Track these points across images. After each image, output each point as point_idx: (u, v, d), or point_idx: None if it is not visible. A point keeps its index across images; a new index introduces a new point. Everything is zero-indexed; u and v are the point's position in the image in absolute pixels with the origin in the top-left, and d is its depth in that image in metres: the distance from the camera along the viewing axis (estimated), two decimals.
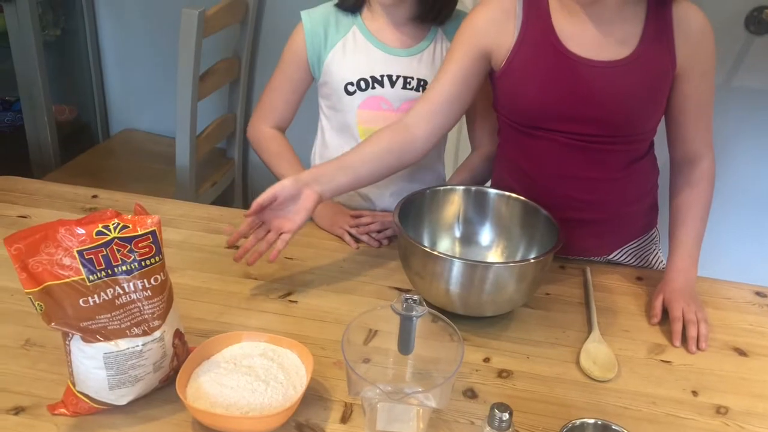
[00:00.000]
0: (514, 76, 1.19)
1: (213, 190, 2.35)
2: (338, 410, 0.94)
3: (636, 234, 1.35)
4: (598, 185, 1.24)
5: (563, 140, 1.19)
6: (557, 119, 1.18)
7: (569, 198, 1.24)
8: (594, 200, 1.26)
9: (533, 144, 1.22)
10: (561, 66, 1.15)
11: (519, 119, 1.23)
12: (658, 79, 1.16)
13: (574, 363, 1.06)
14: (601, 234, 1.31)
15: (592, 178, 1.23)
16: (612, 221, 1.30)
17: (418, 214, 1.20)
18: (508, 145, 1.31)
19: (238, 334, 0.98)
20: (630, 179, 1.26)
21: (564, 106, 1.16)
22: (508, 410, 0.80)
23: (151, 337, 0.88)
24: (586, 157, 1.20)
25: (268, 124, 1.45)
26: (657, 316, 1.17)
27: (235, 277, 1.21)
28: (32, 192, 1.43)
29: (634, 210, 1.31)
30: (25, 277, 0.80)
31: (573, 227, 1.19)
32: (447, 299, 1.09)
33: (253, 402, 0.88)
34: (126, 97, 2.67)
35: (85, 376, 0.87)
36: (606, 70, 1.14)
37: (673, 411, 0.98)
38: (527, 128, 1.22)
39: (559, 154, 1.21)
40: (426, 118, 1.23)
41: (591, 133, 1.18)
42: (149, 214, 0.87)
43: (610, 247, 1.34)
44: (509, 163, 1.31)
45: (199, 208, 1.45)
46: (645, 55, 1.14)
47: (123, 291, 0.85)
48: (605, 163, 1.22)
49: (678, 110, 1.20)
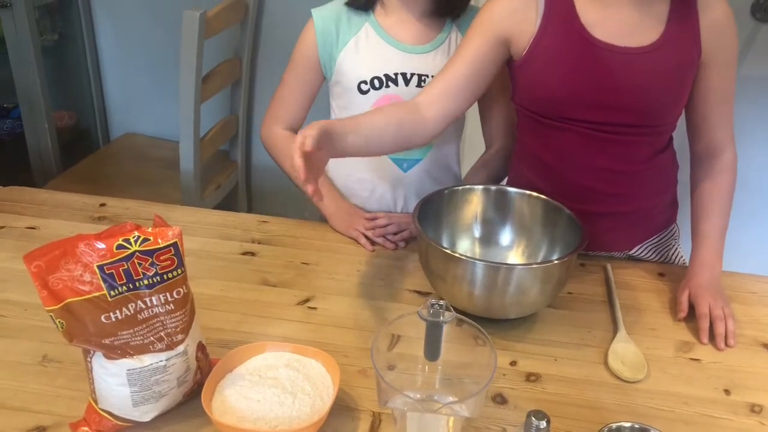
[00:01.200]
0: (536, 64, 1.17)
1: (218, 194, 2.33)
2: (366, 420, 0.92)
3: (656, 229, 1.33)
4: (620, 178, 1.22)
5: (585, 131, 1.17)
6: (580, 108, 1.16)
7: (591, 190, 1.22)
8: (616, 193, 1.24)
9: (555, 135, 1.21)
10: (585, 53, 1.13)
11: (540, 109, 1.20)
12: (683, 67, 1.15)
13: (602, 364, 1.04)
14: (623, 228, 1.29)
15: (614, 170, 1.21)
16: (633, 215, 1.28)
17: (436, 214, 1.18)
18: (527, 139, 1.28)
19: (261, 345, 0.96)
20: (651, 172, 1.24)
21: (588, 94, 1.15)
22: (545, 418, 0.78)
23: (175, 352, 0.86)
24: (609, 148, 1.19)
25: (281, 126, 1.43)
26: (684, 311, 1.14)
27: (253, 284, 1.19)
28: (39, 202, 1.41)
29: (655, 204, 1.29)
30: (45, 294, 0.77)
31: (594, 221, 1.17)
32: (470, 302, 1.07)
33: (281, 415, 0.86)
34: (126, 101, 2.64)
35: (108, 393, 0.84)
36: (631, 56, 1.13)
37: (707, 411, 0.96)
38: (549, 119, 1.20)
39: (582, 145, 1.19)
40: (437, 101, 1.20)
41: (614, 123, 1.16)
42: (169, 226, 0.84)
43: (631, 243, 1.32)
44: (529, 157, 1.29)
45: (212, 214, 1.42)
46: (670, 41, 1.13)
47: (145, 305, 0.82)
48: (628, 155, 1.20)
49: (700, 101, 1.18)
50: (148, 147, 2.56)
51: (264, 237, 1.34)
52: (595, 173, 1.21)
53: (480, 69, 1.20)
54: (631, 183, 1.24)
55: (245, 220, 1.40)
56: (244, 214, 1.44)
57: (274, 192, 2.61)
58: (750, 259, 1.67)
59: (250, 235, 1.34)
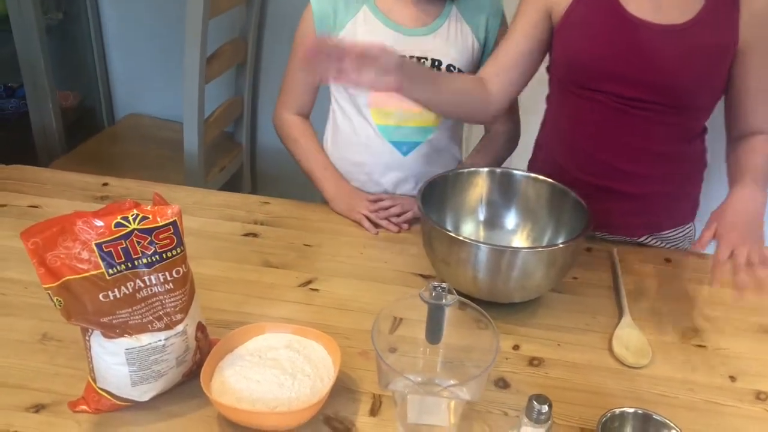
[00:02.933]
0: (570, 31, 1.18)
1: (222, 176, 2.32)
2: (367, 402, 0.91)
3: (672, 224, 1.31)
4: (642, 156, 1.21)
5: (612, 103, 1.17)
6: (609, 79, 1.16)
7: (612, 167, 1.22)
8: (637, 173, 1.23)
9: (582, 105, 1.21)
10: (618, 26, 1.14)
11: (571, 77, 1.21)
12: (715, 50, 1.13)
13: (607, 349, 1.03)
14: (639, 213, 1.28)
15: (637, 147, 1.20)
16: (652, 201, 1.26)
17: (440, 197, 1.17)
18: (555, 109, 1.29)
19: (261, 326, 0.95)
20: (676, 158, 1.22)
21: (617, 66, 1.15)
22: (547, 402, 0.77)
23: (174, 331, 0.85)
24: (634, 124, 1.18)
25: (290, 111, 1.42)
26: (702, 246, 1.01)
27: (254, 265, 1.18)
28: (42, 181, 1.40)
29: (675, 193, 1.28)
30: (43, 272, 0.76)
31: (612, 200, 1.18)
32: (473, 285, 1.06)
33: (281, 396, 0.85)
34: (130, 82, 2.62)
35: (106, 372, 0.84)
36: (664, 33, 1.12)
37: (712, 398, 0.95)
38: (578, 88, 1.20)
39: (607, 117, 1.19)
40: (498, 76, 1.23)
41: (641, 98, 1.15)
42: (169, 204, 0.83)
43: (644, 229, 1.30)
44: (555, 130, 1.30)
45: (214, 194, 1.41)
46: (705, 23, 1.12)
47: (144, 284, 0.82)
48: (652, 134, 1.19)
49: (738, 88, 1.16)
50: (153, 128, 2.55)
51: (266, 218, 1.33)
52: (619, 149, 1.21)
53: (533, 43, 1.23)
54: (654, 165, 1.22)
55: (248, 201, 1.39)
56: (246, 195, 1.43)
57: (279, 175, 2.59)
58: None
59: (252, 216, 1.33)
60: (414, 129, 1.36)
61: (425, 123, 1.36)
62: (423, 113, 1.34)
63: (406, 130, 1.36)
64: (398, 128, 1.36)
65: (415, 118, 1.35)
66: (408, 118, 1.35)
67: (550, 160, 1.30)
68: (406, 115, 1.35)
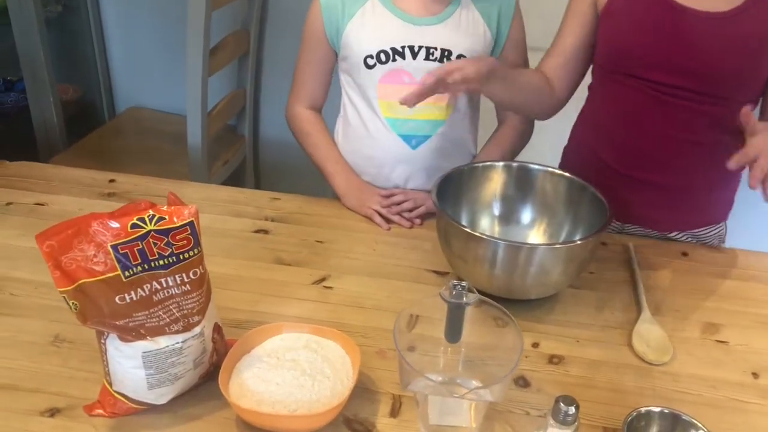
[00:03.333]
0: (613, 18, 1.19)
1: (225, 170, 2.29)
2: (387, 403, 0.90)
3: (703, 222, 1.29)
4: (681, 147, 1.20)
5: (652, 91, 1.17)
6: (651, 67, 1.15)
7: (649, 157, 1.22)
8: (673, 163, 1.21)
9: (623, 93, 1.21)
10: (661, 13, 1.14)
11: (613, 65, 1.21)
12: (761, 41, 1.11)
13: (626, 346, 1.02)
14: (671, 207, 1.26)
15: (676, 137, 1.19)
16: (685, 195, 1.25)
17: (455, 192, 1.15)
18: (596, 97, 1.30)
19: (278, 326, 0.94)
20: (713, 151, 1.19)
21: (660, 54, 1.14)
22: (574, 404, 0.76)
23: (192, 333, 0.83)
24: (674, 113, 1.17)
25: (302, 105, 1.40)
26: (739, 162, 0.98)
27: (266, 262, 1.16)
28: (48, 178, 1.38)
29: (709, 189, 1.26)
30: (58, 275, 0.75)
31: (645, 190, 1.19)
32: (490, 282, 1.04)
33: (301, 399, 0.83)
34: (131, 75, 2.59)
35: (123, 375, 0.82)
36: (707, 21, 1.11)
37: (735, 395, 0.94)
38: (620, 76, 1.20)
39: (648, 106, 1.18)
40: (560, 69, 1.27)
41: (683, 87, 1.14)
42: (185, 204, 0.81)
43: (673, 224, 1.29)
44: (593, 118, 1.30)
45: (222, 190, 1.39)
46: (750, 12, 1.10)
47: (161, 286, 0.80)
48: (692, 125, 1.18)
49: None
50: (154, 121, 2.52)
51: (276, 214, 1.31)
52: (658, 139, 1.20)
53: (587, 33, 1.25)
54: (692, 158, 1.21)
55: (256, 197, 1.37)
56: (254, 191, 1.41)
57: (283, 168, 2.57)
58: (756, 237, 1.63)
59: (262, 212, 1.31)
60: (424, 122, 1.34)
61: (435, 116, 1.34)
62: (434, 105, 1.32)
63: (415, 123, 1.34)
64: (407, 121, 1.34)
65: (425, 111, 1.33)
66: (418, 111, 1.32)
67: (585, 146, 1.30)
68: (415, 107, 1.32)
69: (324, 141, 1.39)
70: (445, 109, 1.33)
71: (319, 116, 1.42)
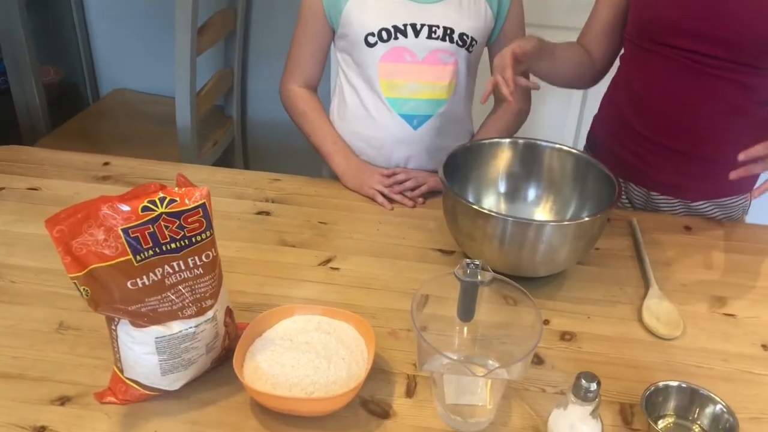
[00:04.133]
0: None
1: (215, 150, 2.26)
2: (402, 383, 0.89)
3: (730, 191, 1.30)
4: (711, 116, 1.20)
5: (685, 60, 1.17)
6: (683, 35, 1.15)
7: (676, 125, 1.22)
8: (703, 132, 1.22)
9: (655, 61, 1.21)
10: None
11: (644, 33, 1.22)
12: None
13: (637, 321, 1.02)
14: (699, 175, 1.27)
15: (707, 106, 1.19)
16: (713, 163, 1.24)
17: (462, 169, 1.14)
18: (628, 67, 1.30)
19: (290, 308, 0.92)
20: (744, 121, 1.20)
21: (692, 22, 1.14)
22: (595, 380, 0.76)
23: (204, 317, 0.81)
24: (706, 82, 1.17)
25: (297, 83, 1.38)
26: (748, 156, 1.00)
27: (271, 244, 1.15)
28: (39, 162, 1.34)
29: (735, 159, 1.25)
30: (69, 260, 0.72)
31: (673, 158, 1.22)
32: (499, 260, 1.03)
33: (317, 381, 0.82)
34: (114, 56, 2.53)
35: (135, 362, 0.81)
36: None
37: (747, 367, 0.94)
38: (652, 44, 1.21)
39: (679, 74, 1.19)
40: (599, 41, 1.29)
41: (716, 55, 1.14)
42: (196, 186, 0.79)
43: (701, 193, 1.30)
44: (626, 85, 1.30)
45: (220, 172, 1.37)
46: None
47: (173, 270, 0.78)
48: (724, 93, 1.18)
49: None
50: (139, 103, 2.47)
51: (277, 195, 1.29)
52: (688, 107, 1.20)
53: (620, 6, 1.27)
54: (721, 126, 1.21)
55: (256, 178, 1.35)
56: (253, 172, 1.38)
57: (271, 148, 2.54)
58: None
59: (263, 193, 1.29)
60: (425, 102, 1.32)
61: (436, 95, 1.32)
62: (435, 84, 1.30)
63: (416, 103, 1.32)
64: (408, 101, 1.32)
65: (426, 91, 1.31)
66: (418, 91, 1.31)
67: (617, 114, 1.32)
68: (418, 86, 1.30)
69: (321, 120, 1.36)
70: (447, 87, 1.31)
71: (315, 95, 1.40)
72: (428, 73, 1.29)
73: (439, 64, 1.29)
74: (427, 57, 1.29)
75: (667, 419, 0.84)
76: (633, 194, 1.35)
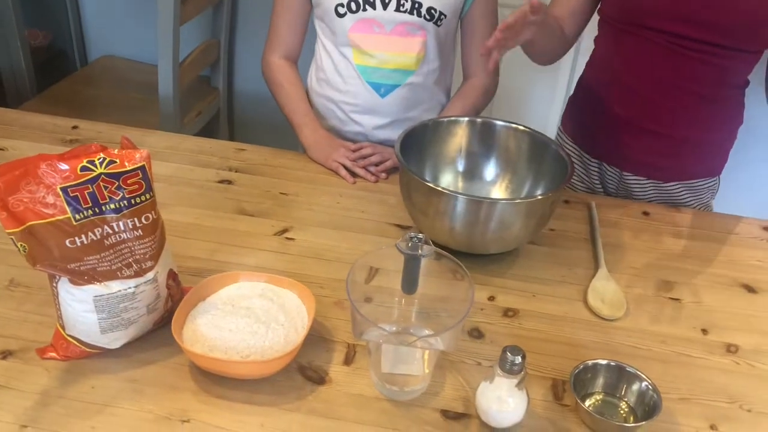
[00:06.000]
0: None
1: (198, 121, 2.27)
2: (341, 351, 0.91)
3: (701, 173, 1.32)
4: (685, 97, 1.21)
5: (663, 42, 1.17)
6: (662, 17, 1.15)
7: (652, 104, 1.23)
8: (677, 112, 1.23)
9: (631, 43, 1.21)
10: None
11: (621, 15, 1.21)
12: None
13: (582, 301, 1.03)
14: (671, 155, 1.28)
15: (682, 87, 1.20)
16: (685, 144, 1.27)
17: (420, 146, 1.15)
18: (603, 48, 1.31)
19: (235, 274, 0.94)
20: (717, 104, 1.23)
21: (671, 2, 1.14)
22: (520, 353, 0.77)
23: (144, 279, 0.83)
24: (682, 64, 1.18)
25: (277, 55, 1.39)
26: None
27: (229, 213, 1.16)
28: (8, 122, 1.35)
29: (710, 142, 1.28)
30: (5, 216, 0.74)
31: (647, 138, 1.23)
32: (451, 237, 1.05)
33: (254, 345, 0.84)
34: (104, 21, 2.53)
35: (75, 319, 0.82)
36: None
37: (684, 350, 0.96)
38: (629, 25, 1.20)
39: (655, 56, 1.19)
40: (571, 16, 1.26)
41: (694, 37, 1.15)
42: (137, 148, 0.80)
43: (672, 173, 1.31)
44: (601, 66, 1.31)
45: (188, 140, 1.38)
46: None
47: (112, 231, 0.79)
48: (699, 76, 1.19)
49: None
50: (127, 70, 2.48)
51: (241, 165, 1.30)
52: (664, 88, 1.21)
53: None
54: (696, 108, 1.22)
55: (222, 147, 1.36)
56: (221, 141, 1.39)
57: (257, 121, 2.54)
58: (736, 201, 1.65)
59: (227, 162, 1.30)
60: (393, 71, 1.33)
61: (404, 66, 1.33)
62: (403, 55, 1.31)
63: (385, 72, 1.33)
64: (377, 69, 1.33)
65: (395, 61, 1.32)
66: (388, 60, 1.32)
67: (593, 94, 1.32)
68: (386, 56, 1.31)
69: (296, 94, 1.38)
70: (415, 58, 1.32)
71: (294, 67, 1.41)
72: (396, 44, 1.31)
73: (407, 36, 1.30)
74: (394, 29, 1.30)
75: (595, 396, 0.86)
76: (606, 176, 1.36)
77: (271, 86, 1.41)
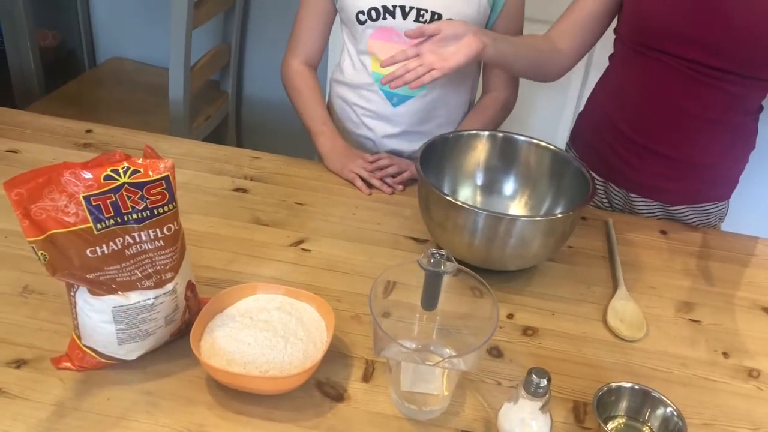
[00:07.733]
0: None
1: (207, 125, 2.26)
2: (359, 368, 0.89)
3: (709, 197, 1.30)
4: (696, 122, 1.20)
5: (675, 65, 1.16)
6: (679, 42, 1.14)
7: (663, 128, 1.22)
8: (687, 137, 1.21)
9: (645, 65, 1.20)
10: None
11: (638, 37, 1.20)
12: None
13: (601, 321, 1.02)
14: (680, 179, 1.27)
15: (694, 113, 1.19)
16: (695, 169, 1.25)
17: (439, 159, 1.13)
18: (617, 68, 1.29)
19: (253, 286, 0.92)
20: (729, 130, 1.21)
21: (690, 29, 1.13)
22: (546, 376, 0.76)
23: (164, 290, 0.82)
24: (695, 89, 1.17)
25: (298, 60, 1.39)
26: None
27: (244, 222, 1.15)
28: (21, 125, 1.34)
29: (720, 166, 1.27)
30: (27, 224, 0.72)
31: (655, 161, 1.22)
32: (469, 252, 1.03)
33: (273, 360, 0.83)
34: (114, 23, 2.52)
35: (92, 329, 0.81)
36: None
37: (705, 374, 0.95)
38: (643, 47, 1.19)
39: (667, 79, 1.18)
40: (570, 35, 1.25)
41: (709, 64, 1.14)
42: (161, 158, 0.79)
43: (680, 197, 1.29)
44: (613, 85, 1.29)
45: (202, 146, 1.36)
46: None
47: (133, 241, 0.78)
48: (712, 102, 1.18)
49: None
50: (136, 72, 2.47)
51: (256, 173, 1.29)
52: (675, 113, 1.20)
53: (604, 4, 1.24)
54: (707, 133, 1.21)
55: (237, 155, 1.34)
56: (235, 149, 1.38)
57: (265, 126, 2.54)
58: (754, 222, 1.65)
59: (242, 170, 1.29)
60: None
61: None
62: None
63: None
64: None
65: None
66: None
67: (602, 113, 1.31)
68: None
69: (314, 100, 1.37)
70: None
71: (313, 73, 1.40)
72: None
73: None
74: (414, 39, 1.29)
75: (618, 420, 0.85)
76: (612, 195, 1.35)
77: (289, 91, 1.40)
